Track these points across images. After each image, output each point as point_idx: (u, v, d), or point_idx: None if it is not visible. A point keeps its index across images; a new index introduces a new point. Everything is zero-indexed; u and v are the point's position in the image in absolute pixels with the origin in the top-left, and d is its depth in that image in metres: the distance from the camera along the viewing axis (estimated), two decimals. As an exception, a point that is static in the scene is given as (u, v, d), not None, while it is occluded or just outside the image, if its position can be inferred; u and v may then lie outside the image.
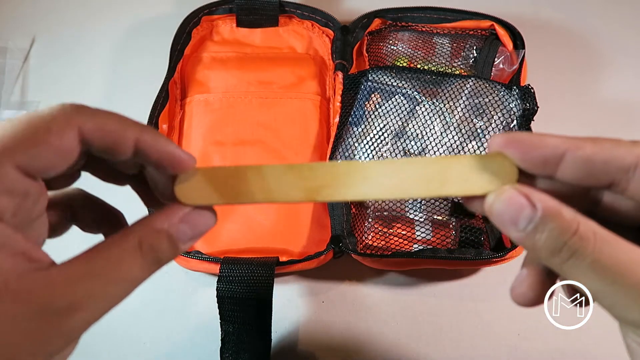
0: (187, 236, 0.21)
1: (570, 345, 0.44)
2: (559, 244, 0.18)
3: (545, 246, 0.19)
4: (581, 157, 0.19)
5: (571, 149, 0.19)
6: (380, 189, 0.22)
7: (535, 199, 0.19)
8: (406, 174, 0.22)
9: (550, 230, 0.18)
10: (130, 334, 0.45)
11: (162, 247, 0.21)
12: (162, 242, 0.21)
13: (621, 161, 0.18)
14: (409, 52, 0.52)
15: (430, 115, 0.46)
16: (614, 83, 0.57)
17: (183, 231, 0.21)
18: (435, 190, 0.22)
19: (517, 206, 0.19)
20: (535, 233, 0.19)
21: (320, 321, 0.45)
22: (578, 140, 0.19)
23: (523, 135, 0.20)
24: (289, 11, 0.56)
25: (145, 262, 0.20)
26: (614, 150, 0.19)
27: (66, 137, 0.19)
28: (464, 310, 0.46)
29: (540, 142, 0.19)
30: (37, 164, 0.19)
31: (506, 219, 0.19)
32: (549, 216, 0.19)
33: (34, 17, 0.62)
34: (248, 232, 0.47)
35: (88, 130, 0.20)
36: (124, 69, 0.59)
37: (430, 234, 0.45)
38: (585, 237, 0.18)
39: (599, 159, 0.19)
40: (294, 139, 0.50)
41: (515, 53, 0.51)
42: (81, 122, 0.20)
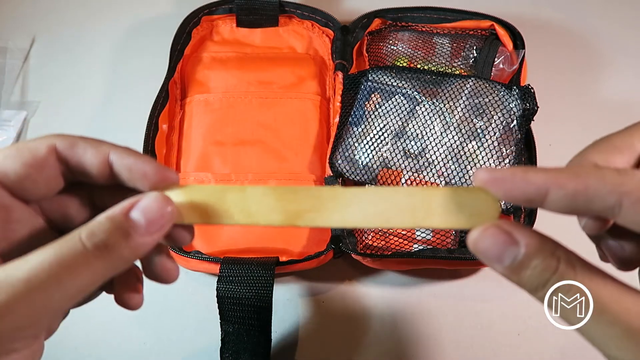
0: (140, 223, 0.20)
1: (570, 345, 0.44)
2: (542, 280, 0.19)
3: (529, 282, 0.19)
4: (564, 195, 0.19)
5: (553, 187, 0.19)
6: (363, 216, 0.22)
7: (518, 236, 0.19)
8: (390, 202, 0.22)
9: (534, 268, 0.19)
10: (130, 334, 0.45)
11: (111, 239, 0.20)
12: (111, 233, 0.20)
13: (604, 200, 0.18)
14: (409, 52, 0.52)
15: (430, 115, 0.46)
16: (614, 83, 0.57)
17: (133, 218, 0.20)
18: (419, 221, 0.22)
19: (500, 244, 0.19)
20: (520, 270, 0.19)
21: (320, 321, 0.45)
22: (561, 176, 0.19)
23: (506, 174, 0.20)
24: (289, 11, 0.56)
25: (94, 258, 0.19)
26: (597, 188, 0.18)
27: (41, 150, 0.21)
28: (464, 310, 0.46)
29: (523, 182, 0.19)
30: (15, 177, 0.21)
31: (490, 256, 0.20)
32: (532, 253, 0.19)
33: (34, 17, 0.62)
34: (248, 232, 0.47)
35: (63, 148, 0.22)
36: (124, 69, 0.59)
37: (430, 234, 0.45)
38: (566, 275, 0.19)
39: (582, 198, 0.19)
40: (294, 139, 0.50)
41: (515, 53, 0.51)
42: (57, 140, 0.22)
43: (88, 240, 0.19)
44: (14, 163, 0.21)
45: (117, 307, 0.48)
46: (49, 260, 0.18)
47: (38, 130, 0.55)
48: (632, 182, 0.18)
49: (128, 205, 0.21)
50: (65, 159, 0.22)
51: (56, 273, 0.18)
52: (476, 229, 0.20)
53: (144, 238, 0.21)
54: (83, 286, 0.19)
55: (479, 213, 0.22)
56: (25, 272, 0.18)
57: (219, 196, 0.23)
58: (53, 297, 0.18)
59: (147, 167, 0.22)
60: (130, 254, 0.20)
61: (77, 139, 0.22)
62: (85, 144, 0.22)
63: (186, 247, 0.46)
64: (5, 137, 0.53)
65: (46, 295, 0.18)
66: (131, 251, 0.20)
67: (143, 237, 0.21)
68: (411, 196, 0.22)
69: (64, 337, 0.45)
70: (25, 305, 0.18)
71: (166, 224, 0.21)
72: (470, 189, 0.22)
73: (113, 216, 0.20)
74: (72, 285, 0.19)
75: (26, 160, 0.21)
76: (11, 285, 0.18)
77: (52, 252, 0.19)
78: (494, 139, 0.44)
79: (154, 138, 0.48)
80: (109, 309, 0.46)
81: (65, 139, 0.22)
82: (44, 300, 0.18)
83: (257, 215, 0.23)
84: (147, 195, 0.21)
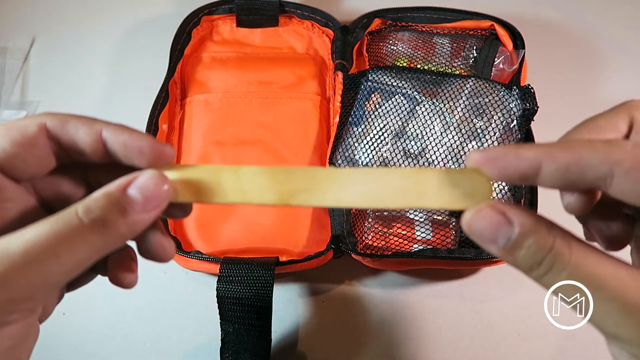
0: (137, 200, 0.20)
1: (570, 345, 0.44)
2: (537, 259, 0.19)
3: (524, 262, 0.19)
4: (557, 168, 0.19)
5: (546, 160, 0.19)
6: (357, 196, 0.22)
7: (512, 215, 0.19)
8: (384, 183, 0.22)
9: (528, 247, 0.19)
10: (130, 334, 0.45)
11: (108, 215, 0.20)
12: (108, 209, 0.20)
13: (596, 170, 0.18)
14: (409, 52, 0.52)
15: (430, 115, 0.46)
16: (614, 83, 0.57)
17: (130, 194, 0.20)
18: (412, 201, 0.22)
19: (494, 224, 0.19)
20: (515, 249, 0.19)
21: (320, 321, 0.45)
22: (552, 149, 0.19)
23: (499, 152, 0.20)
24: (289, 11, 0.56)
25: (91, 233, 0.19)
26: (588, 158, 0.19)
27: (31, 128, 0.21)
28: (464, 310, 0.46)
29: (516, 158, 0.19)
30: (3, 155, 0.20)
31: (485, 237, 0.20)
32: (526, 232, 0.19)
33: (34, 17, 0.62)
34: (248, 232, 0.47)
35: (53, 126, 0.21)
36: (124, 69, 0.59)
37: (430, 234, 0.45)
38: (561, 252, 0.18)
39: (575, 169, 0.19)
40: (294, 139, 0.50)
41: (515, 53, 0.51)
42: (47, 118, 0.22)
43: (85, 215, 0.19)
44: (3, 142, 0.21)
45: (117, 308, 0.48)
46: (46, 234, 0.18)
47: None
48: (622, 151, 0.18)
49: (125, 182, 0.21)
50: (56, 137, 0.22)
51: (53, 246, 0.18)
52: (470, 210, 0.20)
53: (141, 215, 0.21)
54: (80, 260, 0.19)
55: (473, 194, 0.22)
56: (22, 244, 0.18)
57: (213, 175, 0.23)
58: (50, 270, 0.18)
59: (143, 143, 0.22)
60: (127, 231, 0.20)
61: (68, 117, 0.22)
62: (77, 121, 0.22)
63: (186, 247, 0.46)
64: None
65: (43, 268, 0.18)
66: (128, 228, 0.20)
67: (140, 214, 0.21)
68: (405, 177, 0.22)
69: (64, 337, 0.45)
70: (22, 277, 0.18)
71: (163, 202, 0.21)
72: (464, 170, 0.22)
73: (110, 192, 0.20)
74: (68, 259, 0.19)
75: (15, 138, 0.21)
76: (7, 257, 0.18)
77: (49, 226, 0.19)
78: (494, 139, 0.44)
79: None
80: (109, 309, 0.46)
81: (56, 117, 0.22)
82: (41, 273, 0.18)
83: (250, 194, 0.23)
84: (144, 172, 0.21)
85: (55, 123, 0.22)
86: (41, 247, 0.18)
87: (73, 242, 0.19)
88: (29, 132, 0.21)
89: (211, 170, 0.23)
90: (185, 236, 0.46)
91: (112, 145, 0.22)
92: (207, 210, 0.47)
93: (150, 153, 0.22)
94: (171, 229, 0.46)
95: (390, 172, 0.23)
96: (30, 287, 0.18)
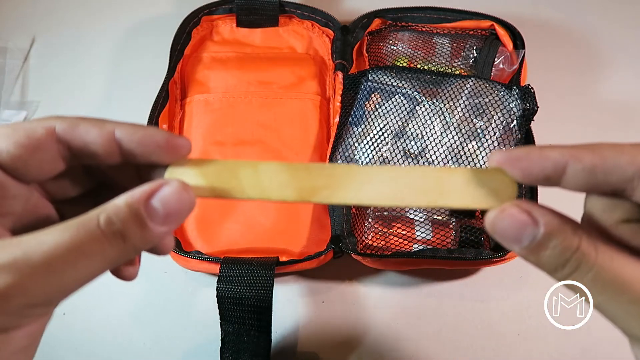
0: (158, 214, 0.20)
1: (570, 345, 0.44)
2: (561, 260, 0.18)
3: (549, 262, 0.19)
4: (582, 169, 0.18)
5: (571, 161, 0.19)
6: (377, 195, 0.22)
7: (538, 215, 0.19)
8: (405, 181, 0.22)
9: (553, 247, 0.18)
10: (130, 334, 0.45)
11: (128, 229, 0.19)
12: (129, 222, 0.19)
13: (623, 172, 0.18)
14: (409, 52, 0.52)
15: (430, 115, 0.46)
16: (614, 83, 0.57)
17: (152, 207, 0.20)
18: (433, 201, 0.22)
19: (519, 224, 0.19)
20: (539, 250, 0.19)
21: (320, 321, 0.45)
22: (578, 151, 0.19)
23: (522, 153, 0.19)
24: (289, 11, 0.56)
25: (109, 245, 0.19)
26: (615, 159, 0.18)
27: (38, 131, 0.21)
28: (464, 310, 0.46)
29: (540, 158, 0.19)
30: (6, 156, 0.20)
31: (509, 237, 0.19)
32: (552, 233, 0.18)
33: (34, 17, 0.62)
34: (248, 232, 0.47)
35: (63, 129, 0.21)
36: (124, 69, 0.59)
37: (430, 234, 0.45)
38: (587, 253, 0.18)
39: (600, 170, 0.18)
40: (294, 139, 0.50)
41: (515, 53, 0.51)
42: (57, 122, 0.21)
43: (106, 227, 0.19)
44: (7, 142, 0.20)
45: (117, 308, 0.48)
46: (66, 244, 0.18)
47: (38, 130, 0.55)
48: None
49: (149, 192, 0.20)
50: (66, 140, 0.21)
51: (73, 257, 0.18)
52: (493, 209, 0.20)
53: (161, 228, 0.20)
54: (95, 271, 0.19)
55: (496, 194, 0.21)
56: (44, 253, 0.18)
57: (230, 171, 0.22)
58: (67, 279, 0.18)
59: (159, 137, 0.22)
60: (143, 244, 0.20)
61: (78, 120, 0.22)
62: (87, 124, 0.22)
63: (186, 247, 0.46)
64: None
65: (61, 277, 0.18)
66: (144, 241, 0.20)
67: (160, 228, 0.20)
68: (427, 176, 0.22)
69: (64, 337, 0.45)
70: (41, 286, 0.18)
71: (183, 216, 0.21)
72: (487, 170, 0.21)
73: (132, 203, 0.20)
74: (85, 269, 0.19)
75: (20, 140, 0.21)
76: (29, 266, 0.18)
77: (69, 234, 0.18)
78: (494, 139, 0.44)
79: (154, 138, 0.48)
80: (109, 309, 0.46)
81: (65, 120, 0.21)
82: (59, 282, 0.18)
83: (269, 190, 0.22)
84: (169, 183, 0.21)
85: (65, 126, 0.21)
86: (61, 258, 0.18)
87: (92, 253, 0.19)
88: (35, 135, 0.21)
89: (229, 166, 0.23)
90: (185, 236, 0.47)
91: (128, 144, 0.22)
92: (207, 210, 0.47)
93: (168, 147, 0.22)
94: (171, 229, 0.46)
95: (411, 170, 0.22)
96: (47, 295, 0.19)
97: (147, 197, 0.20)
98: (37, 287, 0.18)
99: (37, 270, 0.18)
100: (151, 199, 0.20)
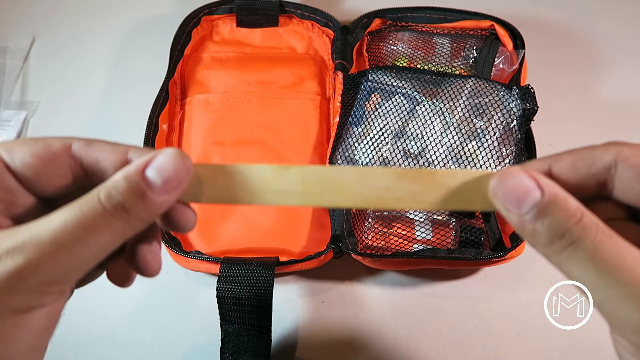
0: (156, 182, 0.20)
1: (570, 345, 0.44)
2: (561, 230, 0.18)
3: (547, 231, 0.19)
4: (564, 168, 0.19)
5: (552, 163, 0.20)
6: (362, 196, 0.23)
7: (543, 183, 0.19)
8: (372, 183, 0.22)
9: (555, 217, 0.18)
10: (130, 334, 0.45)
11: (128, 201, 0.20)
12: (128, 194, 0.20)
13: (601, 161, 0.19)
14: (409, 52, 0.52)
15: (430, 115, 0.46)
16: (614, 83, 0.57)
17: (149, 176, 0.20)
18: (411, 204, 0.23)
19: (524, 188, 0.19)
20: (538, 218, 0.19)
21: (320, 321, 0.45)
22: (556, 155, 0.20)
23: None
24: (289, 11, 0.56)
25: (114, 219, 0.20)
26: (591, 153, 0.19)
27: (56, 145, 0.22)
28: (464, 310, 0.46)
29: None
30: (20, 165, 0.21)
31: (511, 199, 0.19)
32: (556, 202, 0.19)
33: (34, 17, 0.62)
34: (248, 232, 0.47)
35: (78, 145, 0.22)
36: (124, 69, 0.59)
37: (430, 234, 0.45)
38: (588, 227, 0.18)
39: (581, 165, 0.19)
40: (294, 139, 0.50)
41: (515, 53, 0.51)
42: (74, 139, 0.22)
43: (107, 201, 0.20)
44: (25, 153, 0.22)
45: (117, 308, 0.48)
46: (72, 221, 0.19)
47: (38, 130, 0.55)
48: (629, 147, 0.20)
49: (143, 164, 0.20)
50: (80, 157, 0.22)
51: (79, 233, 0.19)
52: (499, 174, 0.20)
53: (161, 197, 0.20)
54: (105, 244, 0.20)
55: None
56: (51, 232, 0.19)
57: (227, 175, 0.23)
58: (78, 255, 0.19)
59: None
60: (148, 214, 0.21)
61: (94, 140, 0.23)
62: (103, 142, 0.23)
63: (186, 247, 0.46)
64: (5, 137, 0.53)
65: (71, 254, 0.19)
66: (148, 211, 0.20)
67: (160, 196, 0.20)
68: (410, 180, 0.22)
69: (65, 336, 0.45)
70: (52, 264, 0.19)
71: (183, 181, 0.21)
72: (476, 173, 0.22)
73: (129, 175, 0.20)
74: (95, 244, 0.19)
75: (37, 151, 0.22)
76: (37, 245, 0.18)
77: (73, 213, 0.19)
78: (494, 139, 0.44)
79: (154, 138, 0.48)
80: (109, 308, 0.46)
81: (83, 139, 0.22)
82: (70, 258, 0.19)
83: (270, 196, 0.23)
84: (163, 151, 0.21)
85: (81, 143, 0.22)
86: (68, 234, 0.19)
87: (98, 227, 0.19)
88: (52, 148, 0.22)
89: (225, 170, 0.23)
90: (185, 236, 0.47)
91: None
92: (207, 210, 0.47)
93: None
94: (171, 229, 0.46)
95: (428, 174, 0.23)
96: (61, 272, 0.19)
97: (143, 167, 0.20)
98: (50, 264, 0.19)
99: (47, 249, 0.18)
100: (147, 169, 0.20)
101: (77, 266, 0.19)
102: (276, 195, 0.23)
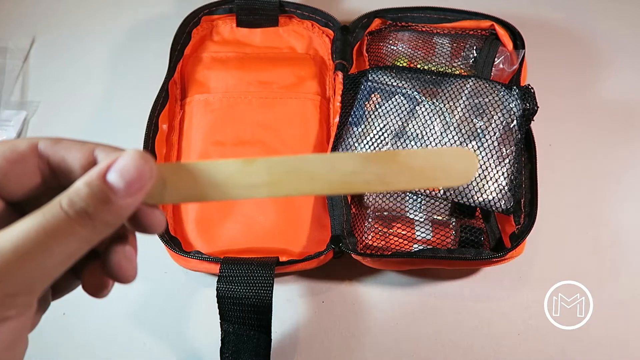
0: (119, 185, 0.20)
1: (570, 345, 0.44)
2: None
3: None
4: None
5: None
6: None
7: None
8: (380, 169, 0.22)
9: None
10: (130, 334, 0.45)
11: (91, 207, 0.19)
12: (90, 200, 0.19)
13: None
14: (409, 52, 0.52)
15: (430, 115, 0.46)
16: (614, 83, 0.57)
17: (112, 180, 0.20)
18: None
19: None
20: None
21: (320, 321, 0.45)
22: None
23: None
24: (289, 11, 0.56)
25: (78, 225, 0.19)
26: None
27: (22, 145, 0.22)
28: (464, 310, 0.46)
29: None
30: None
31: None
32: None
33: (34, 17, 0.62)
34: (248, 232, 0.47)
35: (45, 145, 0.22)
36: (124, 69, 0.59)
37: (430, 234, 0.45)
38: None
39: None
40: (294, 139, 0.50)
41: (515, 53, 0.51)
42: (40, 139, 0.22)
43: (69, 208, 0.19)
44: None
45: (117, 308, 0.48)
46: (35, 229, 0.18)
47: (38, 130, 0.55)
48: None
49: (105, 167, 0.20)
50: (47, 155, 0.22)
51: (42, 240, 0.18)
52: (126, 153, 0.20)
53: (125, 200, 0.20)
54: (71, 251, 0.19)
55: None
56: (13, 241, 0.18)
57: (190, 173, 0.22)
58: (43, 264, 0.19)
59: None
60: (114, 219, 0.20)
61: (61, 138, 0.22)
62: (69, 141, 0.22)
63: (186, 247, 0.46)
64: (5, 137, 0.53)
65: (36, 262, 0.18)
66: (113, 215, 0.20)
67: (124, 200, 0.20)
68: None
69: (64, 337, 0.45)
70: (16, 273, 0.18)
71: (147, 183, 0.21)
72: None
73: (90, 181, 0.20)
74: (60, 251, 0.19)
75: (4, 153, 0.21)
76: (1, 256, 0.18)
77: (36, 221, 0.19)
78: (494, 139, 0.44)
79: (154, 138, 0.48)
80: (109, 309, 0.46)
81: (49, 138, 0.22)
82: (34, 267, 0.18)
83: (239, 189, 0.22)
84: (125, 153, 0.21)
85: (48, 142, 0.22)
86: (31, 242, 0.18)
87: (62, 234, 0.19)
88: (18, 149, 0.21)
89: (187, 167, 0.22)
90: (185, 236, 0.47)
91: None
92: (207, 210, 0.47)
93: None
94: (171, 229, 0.46)
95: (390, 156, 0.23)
96: (25, 282, 0.19)
97: (104, 171, 0.20)
98: (14, 275, 0.18)
99: (10, 259, 0.18)
100: (108, 173, 0.20)
101: (42, 275, 0.19)
102: (243, 189, 0.22)
